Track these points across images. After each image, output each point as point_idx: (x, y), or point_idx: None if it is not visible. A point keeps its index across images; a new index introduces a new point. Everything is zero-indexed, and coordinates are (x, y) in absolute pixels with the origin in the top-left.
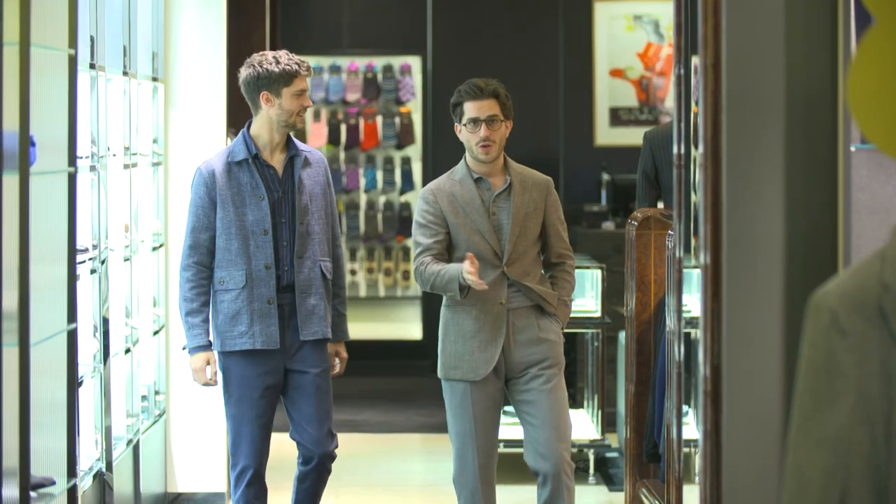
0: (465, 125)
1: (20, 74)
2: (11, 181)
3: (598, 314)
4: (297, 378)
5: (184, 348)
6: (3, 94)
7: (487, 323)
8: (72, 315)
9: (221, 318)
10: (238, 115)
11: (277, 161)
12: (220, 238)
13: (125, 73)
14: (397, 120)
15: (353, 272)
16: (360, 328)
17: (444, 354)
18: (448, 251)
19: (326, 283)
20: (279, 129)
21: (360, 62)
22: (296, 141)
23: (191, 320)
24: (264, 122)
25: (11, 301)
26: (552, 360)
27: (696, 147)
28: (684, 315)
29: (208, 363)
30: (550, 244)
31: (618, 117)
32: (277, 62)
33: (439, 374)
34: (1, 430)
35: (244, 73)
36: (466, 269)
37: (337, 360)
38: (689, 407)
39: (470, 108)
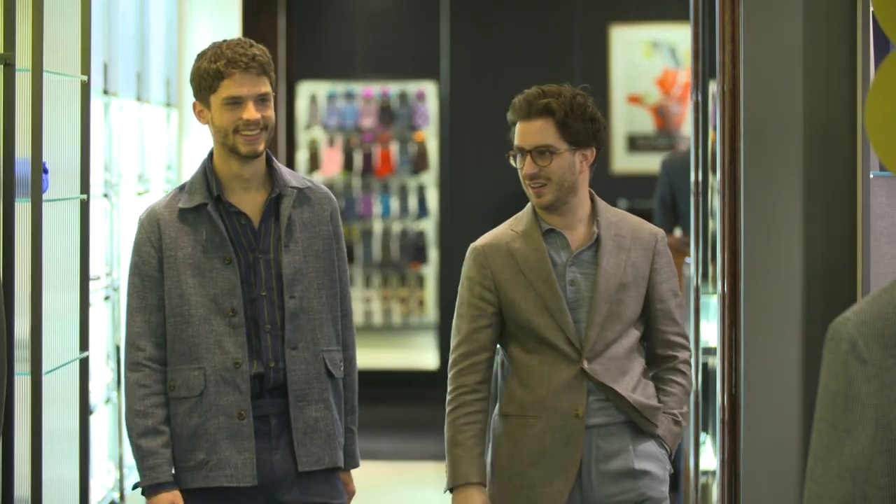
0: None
1: (32, 101)
2: (24, 208)
3: None
4: None
5: (135, 488)
6: (15, 120)
7: (556, 444)
8: (84, 343)
9: (175, 439)
10: None
11: (251, 204)
12: (168, 322)
13: (138, 100)
14: (412, 146)
15: (367, 300)
16: (375, 357)
17: (493, 485)
18: (503, 338)
19: (335, 383)
20: (231, 157)
21: (375, 88)
22: (285, 172)
23: (146, 444)
24: (215, 146)
25: (24, 329)
26: (653, 503)
27: (714, 174)
28: (702, 343)
29: None
30: (656, 328)
31: (635, 144)
32: (205, 55)
33: None
34: (13, 459)
35: None
36: None
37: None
38: (707, 436)
39: (516, 132)
